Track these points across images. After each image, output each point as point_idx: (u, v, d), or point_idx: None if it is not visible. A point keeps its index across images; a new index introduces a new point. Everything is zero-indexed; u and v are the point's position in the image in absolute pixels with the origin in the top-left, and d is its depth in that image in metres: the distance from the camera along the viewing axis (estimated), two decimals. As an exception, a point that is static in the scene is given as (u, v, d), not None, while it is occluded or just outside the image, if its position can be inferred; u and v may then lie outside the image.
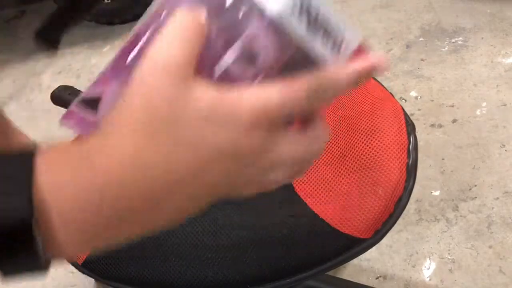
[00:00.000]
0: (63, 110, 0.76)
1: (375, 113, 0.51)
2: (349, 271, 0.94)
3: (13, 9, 2.03)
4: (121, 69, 0.30)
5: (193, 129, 0.22)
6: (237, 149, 0.23)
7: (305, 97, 0.24)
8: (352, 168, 0.48)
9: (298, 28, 0.26)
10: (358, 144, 0.49)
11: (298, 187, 0.50)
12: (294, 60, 0.27)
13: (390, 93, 0.56)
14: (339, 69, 0.26)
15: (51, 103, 0.69)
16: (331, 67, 0.26)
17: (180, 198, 0.23)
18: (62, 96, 0.67)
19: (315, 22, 0.27)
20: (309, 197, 0.49)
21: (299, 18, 0.26)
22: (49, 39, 0.47)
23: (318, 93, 0.25)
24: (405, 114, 0.52)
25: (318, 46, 0.27)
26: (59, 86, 0.68)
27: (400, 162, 0.47)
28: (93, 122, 0.32)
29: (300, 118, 0.28)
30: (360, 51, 0.30)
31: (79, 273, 0.55)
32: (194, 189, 0.23)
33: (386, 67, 0.27)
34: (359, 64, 0.27)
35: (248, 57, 0.26)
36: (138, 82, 0.23)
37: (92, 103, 0.31)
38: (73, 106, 0.31)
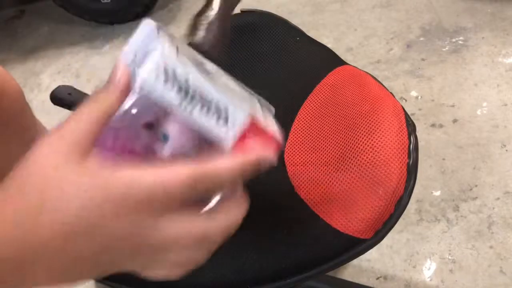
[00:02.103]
0: (62, 110, 0.76)
1: (376, 113, 0.51)
2: (350, 271, 0.94)
3: (13, 8, 2.02)
4: None
5: (64, 200, 0.23)
6: (105, 226, 0.24)
7: (187, 186, 0.24)
8: (352, 168, 0.48)
9: (166, 93, 0.26)
10: (358, 144, 0.49)
11: (298, 187, 0.50)
12: (193, 140, 0.28)
13: (391, 92, 0.55)
14: (221, 163, 0.26)
15: (51, 103, 0.69)
16: (216, 158, 0.26)
17: (47, 267, 0.24)
18: (62, 96, 0.66)
19: (187, 91, 0.27)
20: (309, 197, 0.49)
21: (166, 84, 0.26)
22: None
23: (201, 183, 0.25)
24: (406, 114, 0.52)
25: (202, 120, 0.27)
26: (58, 86, 0.68)
27: (400, 162, 0.47)
28: None
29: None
30: (255, 129, 0.29)
31: (78, 274, 0.55)
32: (60, 260, 0.24)
33: (275, 156, 0.27)
34: (243, 158, 0.27)
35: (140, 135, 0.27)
36: (35, 153, 0.25)
37: None
38: None
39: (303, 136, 0.54)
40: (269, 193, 0.51)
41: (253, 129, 0.29)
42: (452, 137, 1.12)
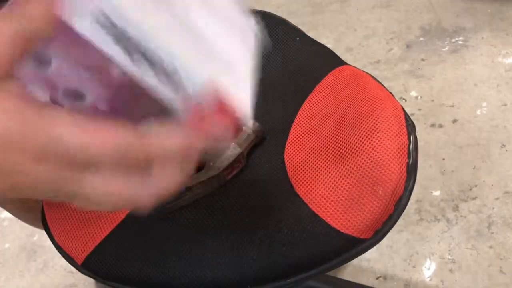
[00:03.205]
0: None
1: (375, 113, 0.51)
2: (349, 271, 0.94)
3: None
4: None
5: None
6: (21, 170, 0.21)
7: (112, 157, 0.22)
8: (352, 168, 0.48)
9: (103, 39, 0.22)
10: (358, 144, 0.49)
11: (298, 187, 0.50)
12: (135, 98, 0.24)
13: (391, 93, 0.55)
14: (162, 139, 0.23)
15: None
16: (160, 130, 0.23)
17: None
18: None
19: (126, 39, 0.22)
20: (309, 197, 0.49)
21: (102, 29, 0.22)
22: None
23: (131, 159, 0.23)
24: (406, 114, 0.52)
25: (143, 74, 0.23)
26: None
27: (400, 162, 0.47)
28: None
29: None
30: (216, 101, 0.24)
31: (79, 273, 0.55)
32: None
33: (232, 137, 0.24)
34: (190, 140, 0.23)
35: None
36: None
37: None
38: None
39: (303, 136, 0.54)
40: (268, 193, 0.51)
41: (213, 100, 0.24)
42: (452, 137, 1.12)
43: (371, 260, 0.95)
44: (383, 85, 0.57)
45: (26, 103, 0.21)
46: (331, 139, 0.52)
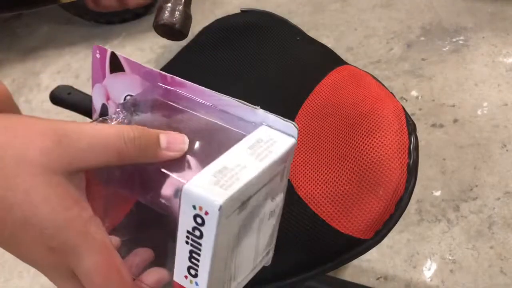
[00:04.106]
0: (62, 110, 0.75)
1: (376, 113, 0.51)
2: (350, 271, 0.94)
3: (10, 13, 2.02)
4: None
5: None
6: None
7: None
8: (353, 168, 0.48)
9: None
10: (359, 144, 0.49)
11: (298, 187, 0.50)
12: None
13: (391, 92, 0.55)
14: None
15: (50, 103, 0.69)
16: None
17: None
18: (61, 96, 0.66)
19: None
20: (309, 197, 0.49)
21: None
22: None
23: None
24: (406, 114, 0.52)
25: None
26: (58, 86, 0.68)
27: (401, 162, 0.47)
28: None
29: None
30: None
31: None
32: None
33: None
34: None
35: None
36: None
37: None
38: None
39: (303, 136, 0.54)
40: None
41: None
42: (453, 137, 1.11)
43: (371, 261, 0.94)
44: (383, 85, 0.56)
45: (74, 203, 0.26)
46: (331, 139, 0.52)
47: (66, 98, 0.66)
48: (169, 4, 0.43)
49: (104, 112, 0.40)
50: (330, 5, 1.60)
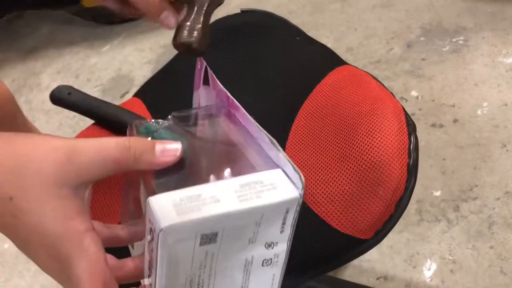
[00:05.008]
0: (62, 110, 0.75)
1: (376, 113, 0.51)
2: (350, 271, 0.94)
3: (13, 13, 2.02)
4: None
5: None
6: None
7: None
8: (353, 168, 0.48)
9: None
10: (359, 144, 0.49)
11: (298, 187, 0.50)
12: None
13: (391, 92, 0.55)
14: None
15: (50, 103, 0.69)
16: None
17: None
18: (61, 96, 0.66)
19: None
20: (309, 198, 0.49)
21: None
22: None
23: None
24: (406, 114, 0.52)
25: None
26: (58, 86, 0.67)
27: (400, 162, 0.47)
28: None
29: None
30: None
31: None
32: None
33: None
34: None
35: None
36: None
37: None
38: None
39: (303, 136, 0.54)
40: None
41: None
42: (453, 137, 1.11)
43: (371, 261, 0.94)
44: (383, 85, 0.56)
45: (78, 215, 0.29)
46: (331, 139, 0.52)
47: (66, 98, 0.65)
48: (188, 23, 0.44)
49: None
50: (330, 5, 1.60)
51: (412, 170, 0.47)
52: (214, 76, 0.44)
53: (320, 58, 0.64)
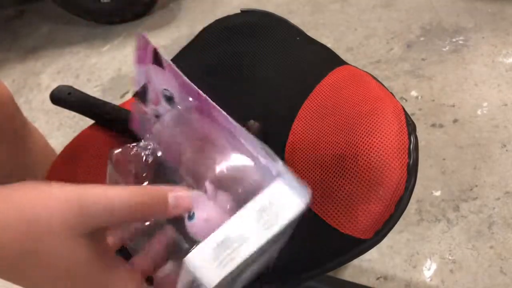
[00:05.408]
0: (62, 110, 0.75)
1: (376, 113, 0.51)
2: (350, 271, 0.94)
3: (12, 8, 2.02)
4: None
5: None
6: None
7: None
8: (353, 168, 0.48)
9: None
10: (358, 143, 0.49)
11: (298, 187, 0.50)
12: None
13: (391, 92, 0.55)
14: None
15: (50, 103, 0.69)
16: None
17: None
18: (61, 96, 0.66)
19: None
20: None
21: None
22: None
23: None
24: (406, 114, 0.52)
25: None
26: (58, 86, 0.67)
27: (400, 162, 0.47)
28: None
29: None
30: None
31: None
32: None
33: None
34: None
35: None
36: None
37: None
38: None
39: (303, 136, 0.54)
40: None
41: None
42: (453, 137, 1.11)
43: (371, 261, 0.94)
44: (383, 85, 0.56)
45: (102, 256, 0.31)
46: (331, 139, 0.52)
47: (66, 98, 0.65)
48: None
49: (144, 90, 0.46)
50: (330, 5, 1.60)
51: (412, 170, 0.47)
52: (173, 66, 0.41)
53: (320, 58, 0.64)
